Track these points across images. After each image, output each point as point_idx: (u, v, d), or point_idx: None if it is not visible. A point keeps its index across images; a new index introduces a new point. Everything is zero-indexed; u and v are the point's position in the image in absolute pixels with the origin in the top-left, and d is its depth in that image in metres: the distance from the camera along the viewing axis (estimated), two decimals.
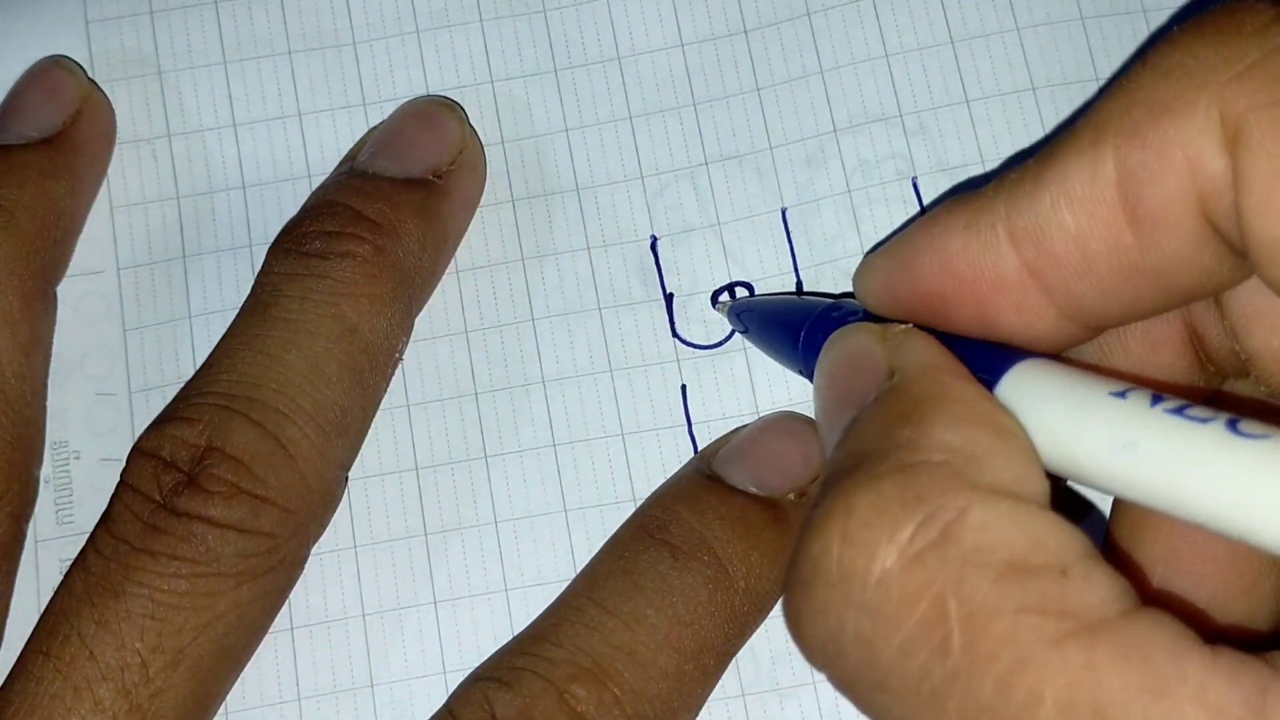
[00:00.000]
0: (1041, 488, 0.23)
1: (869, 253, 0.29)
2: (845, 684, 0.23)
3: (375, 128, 0.36)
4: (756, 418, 0.34)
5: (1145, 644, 0.21)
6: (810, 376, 0.29)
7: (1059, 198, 0.24)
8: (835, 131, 0.36)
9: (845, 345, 0.27)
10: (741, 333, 0.35)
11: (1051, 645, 0.21)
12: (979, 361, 0.26)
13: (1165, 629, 0.21)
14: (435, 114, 0.35)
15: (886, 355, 0.26)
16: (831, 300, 0.31)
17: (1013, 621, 0.21)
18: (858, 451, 0.24)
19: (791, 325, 0.31)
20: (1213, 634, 0.21)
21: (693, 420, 0.34)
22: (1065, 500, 0.24)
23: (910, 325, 0.27)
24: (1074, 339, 0.26)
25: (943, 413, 0.24)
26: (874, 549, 0.22)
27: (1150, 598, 0.22)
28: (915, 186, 0.35)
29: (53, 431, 0.34)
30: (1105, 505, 0.32)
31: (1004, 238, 0.25)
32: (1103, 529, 0.30)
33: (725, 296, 0.35)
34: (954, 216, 0.26)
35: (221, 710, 0.32)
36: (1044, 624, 0.21)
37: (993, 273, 0.26)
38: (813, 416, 0.34)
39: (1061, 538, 0.22)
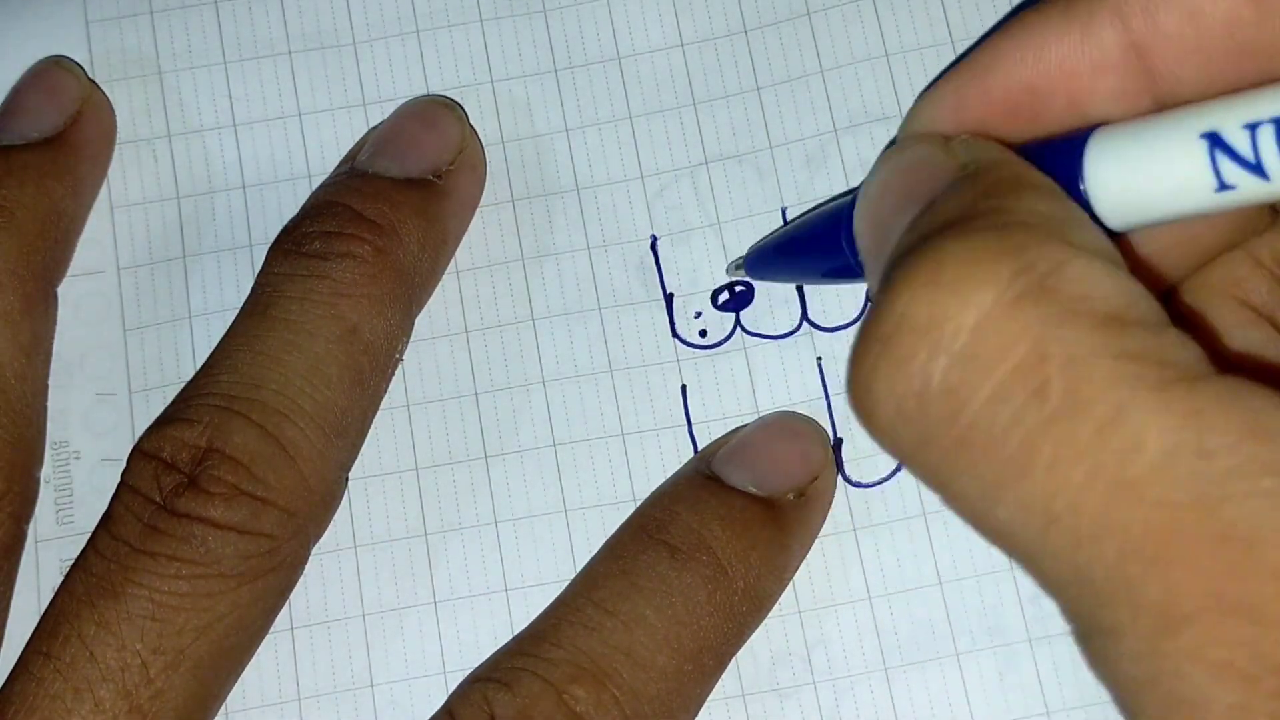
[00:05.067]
0: (1125, 264, 0.23)
1: (924, 90, 0.28)
2: (918, 445, 0.22)
3: (375, 128, 0.36)
4: (756, 418, 0.34)
5: (1245, 396, 0.20)
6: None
7: None
8: (835, 131, 0.36)
9: (903, 155, 0.26)
10: (773, 279, 0.34)
11: (1154, 391, 0.20)
12: (1047, 157, 0.25)
13: (1260, 388, 0.21)
14: (435, 114, 0.35)
15: (953, 157, 0.25)
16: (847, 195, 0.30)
17: (1115, 366, 0.21)
18: (938, 223, 0.23)
19: (828, 231, 0.30)
20: None
21: (693, 420, 0.34)
22: None
23: (971, 134, 0.26)
24: None
25: (1029, 189, 0.23)
26: (969, 295, 0.21)
27: (1231, 367, 0.22)
28: None
29: (53, 431, 0.34)
30: None
31: (1111, 14, 0.25)
32: None
33: (735, 261, 0.34)
34: (1049, 7, 0.26)
35: (221, 710, 0.32)
36: (1146, 371, 0.20)
37: (1095, 53, 0.25)
38: (811, 417, 0.34)
39: (1152, 304, 0.22)
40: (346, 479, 0.33)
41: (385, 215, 0.33)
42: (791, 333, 0.35)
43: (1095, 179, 0.24)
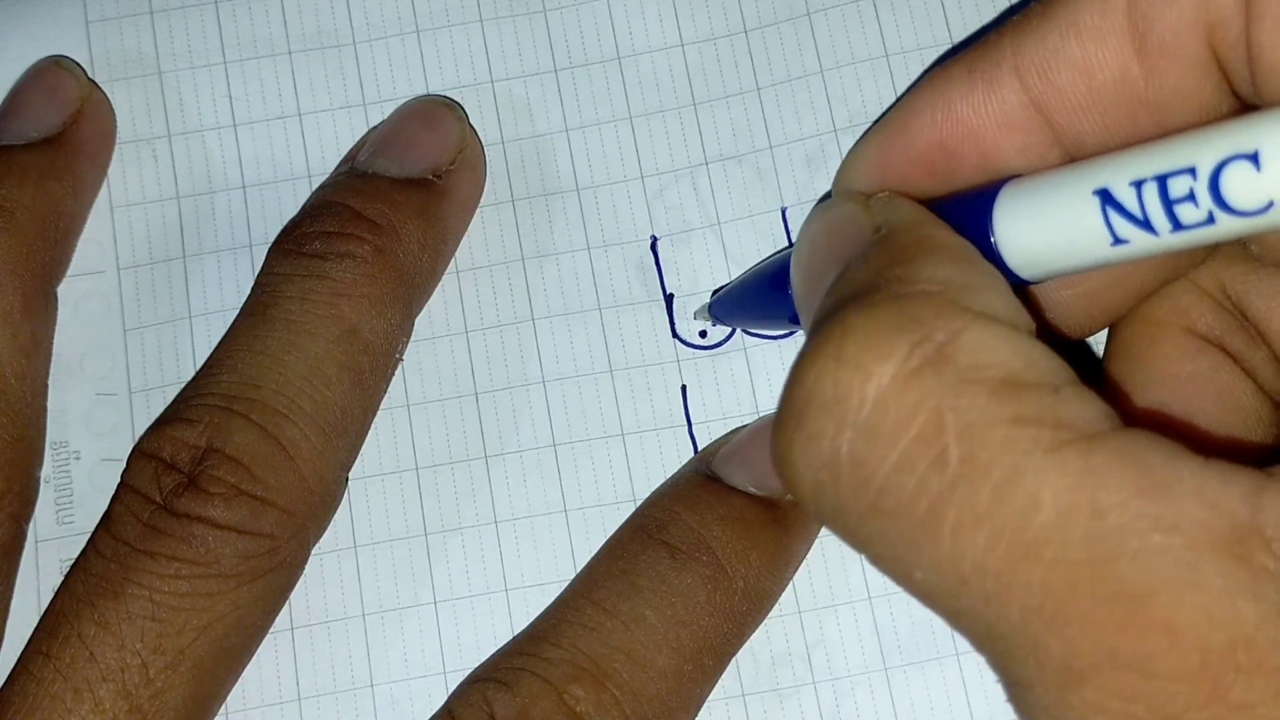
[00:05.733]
0: (1029, 323, 0.23)
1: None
2: (836, 513, 0.23)
3: (375, 128, 0.36)
4: (756, 418, 0.34)
5: (1141, 451, 0.21)
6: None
7: (1068, 29, 0.25)
8: (835, 131, 0.36)
9: (827, 215, 0.27)
10: (734, 325, 0.35)
11: (1049, 452, 0.21)
12: (961, 213, 0.26)
13: (1158, 440, 0.21)
14: (435, 114, 0.35)
15: (871, 218, 0.26)
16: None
17: (1009, 431, 0.21)
18: (847, 292, 0.24)
19: (777, 280, 0.31)
20: (1205, 448, 0.21)
21: (693, 420, 0.34)
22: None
23: (891, 192, 0.27)
24: None
25: (933, 253, 0.24)
26: (870, 369, 0.22)
27: (1142, 422, 0.22)
28: None
29: (53, 431, 0.34)
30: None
31: (1009, 74, 0.26)
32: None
33: (702, 308, 0.35)
34: (954, 67, 0.27)
35: (221, 710, 0.32)
36: (1040, 433, 0.21)
37: (998, 111, 0.26)
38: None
39: (1053, 362, 0.22)
40: (346, 479, 0.33)
41: (385, 215, 0.33)
42: (791, 333, 0.35)
43: (1003, 233, 0.25)
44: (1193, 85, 0.24)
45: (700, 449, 0.34)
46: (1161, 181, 0.22)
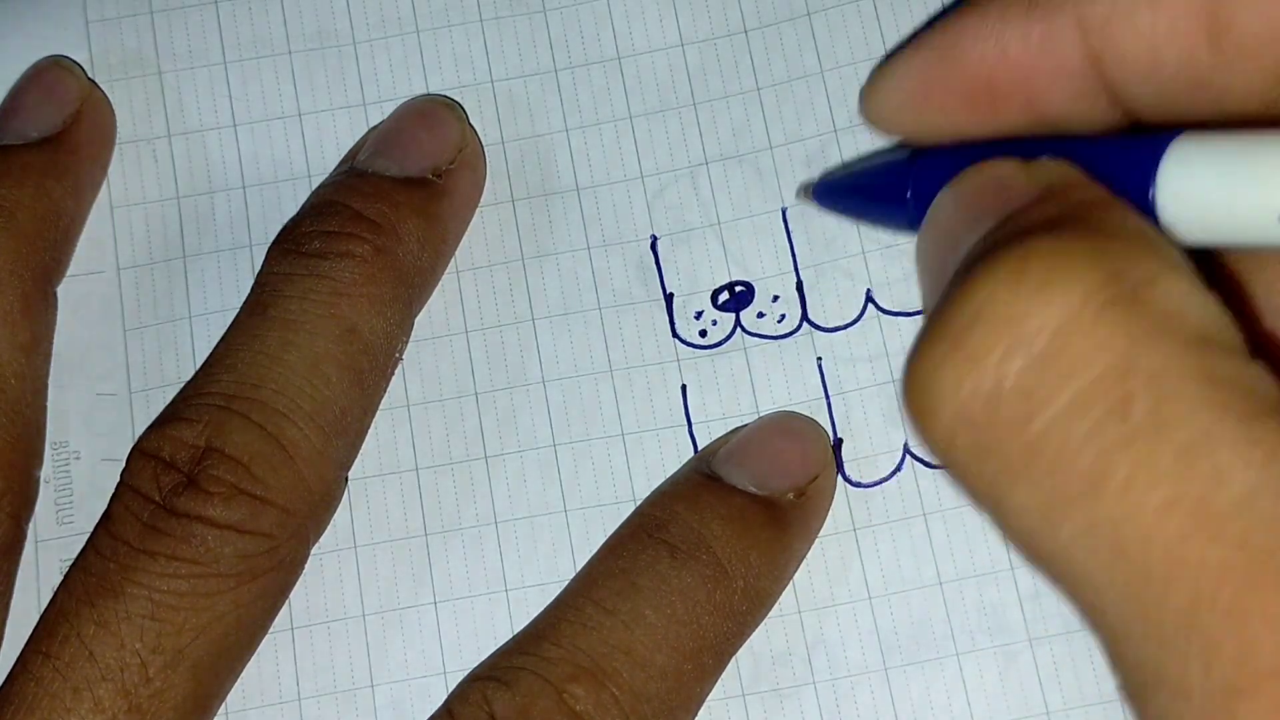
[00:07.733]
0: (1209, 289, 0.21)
1: (878, 66, 0.27)
2: (978, 452, 0.20)
3: (375, 128, 0.36)
4: (756, 418, 0.34)
5: None
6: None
7: None
8: (835, 132, 0.36)
9: (983, 172, 0.25)
10: (837, 212, 0.33)
11: (1242, 421, 0.19)
12: (1114, 165, 0.24)
13: None
14: (435, 113, 0.35)
15: (1033, 180, 0.24)
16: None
17: (1203, 390, 0.19)
18: (1020, 229, 0.21)
19: (893, 176, 0.29)
20: None
21: (693, 420, 0.34)
22: None
23: (1049, 159, 0.25)
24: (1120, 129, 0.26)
25: (1117, 205, 0.22)
26: (1055, 293, 0.20)
27: None
28: None
29: (53, 431, 0.34)
30: None
31: (1071, 23, 0.25)
32: None
33: (805, 185, 0.34)
34: (1012, 2, 0.25)
35: (221, 710, 0.32)
36: (1233, 399, 0.19)
37: (1054, 61, 0.25)
38: (811, 417, 0.34)
39: (1237, 330, 0.20)
40: (346, 479, 0.33)
41: (385, 215, 0.33)
42: (791, 333, 0.35)
43: (1169, 191, 0.23)
44: (1261, 86, 0.23)
45: (700, 449, 0.34)
46: None
